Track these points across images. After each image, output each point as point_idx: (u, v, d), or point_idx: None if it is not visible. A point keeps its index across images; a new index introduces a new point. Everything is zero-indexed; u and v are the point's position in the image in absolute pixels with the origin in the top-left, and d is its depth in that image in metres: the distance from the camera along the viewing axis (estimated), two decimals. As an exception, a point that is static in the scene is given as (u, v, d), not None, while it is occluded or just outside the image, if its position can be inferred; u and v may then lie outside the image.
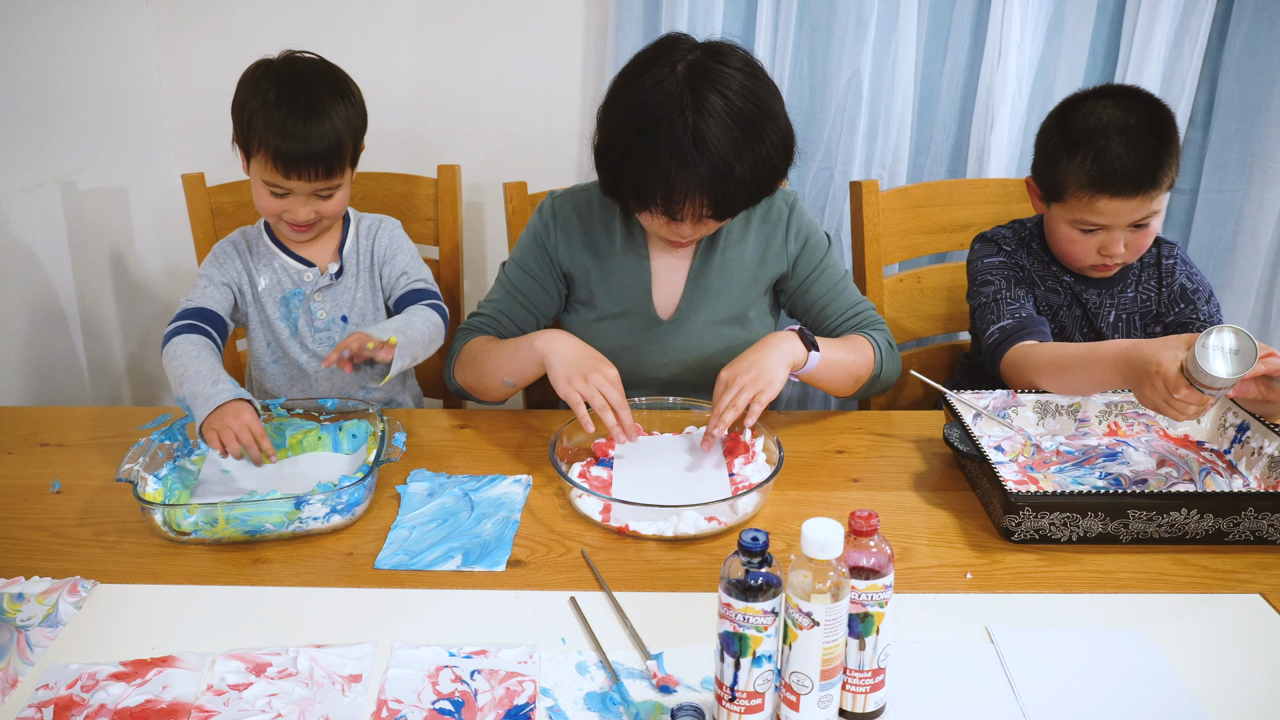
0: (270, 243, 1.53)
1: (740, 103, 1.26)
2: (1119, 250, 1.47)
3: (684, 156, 1.24)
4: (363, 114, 1.47)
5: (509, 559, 1.13)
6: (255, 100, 1.39)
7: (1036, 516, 1.14)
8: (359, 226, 1.57)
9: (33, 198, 1.75)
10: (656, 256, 1.49)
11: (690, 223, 1.33)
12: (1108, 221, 1.45)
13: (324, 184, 1.43)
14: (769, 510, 1.23)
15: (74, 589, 1.06)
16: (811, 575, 0.82)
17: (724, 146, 1.25)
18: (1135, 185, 1.41)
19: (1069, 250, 1.52)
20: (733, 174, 1.26)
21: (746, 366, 1.29)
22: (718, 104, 1.25)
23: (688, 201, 1.28)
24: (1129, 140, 1.40)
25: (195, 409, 1.27)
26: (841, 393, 1.45)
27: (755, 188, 1.31)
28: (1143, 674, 0.96)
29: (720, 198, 1.28)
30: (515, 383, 1.40)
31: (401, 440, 1.28)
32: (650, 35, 1.95)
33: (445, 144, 2.08)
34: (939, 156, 2.09)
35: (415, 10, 2.01)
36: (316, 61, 1.46)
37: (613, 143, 1.32)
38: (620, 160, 1.31)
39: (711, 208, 1.29)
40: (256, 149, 1.39)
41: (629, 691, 0.93)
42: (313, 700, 0.92)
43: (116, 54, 1.95)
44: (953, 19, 1.99)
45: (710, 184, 1.26)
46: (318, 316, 1.54)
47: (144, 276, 2.08)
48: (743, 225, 1.49)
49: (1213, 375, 1.12)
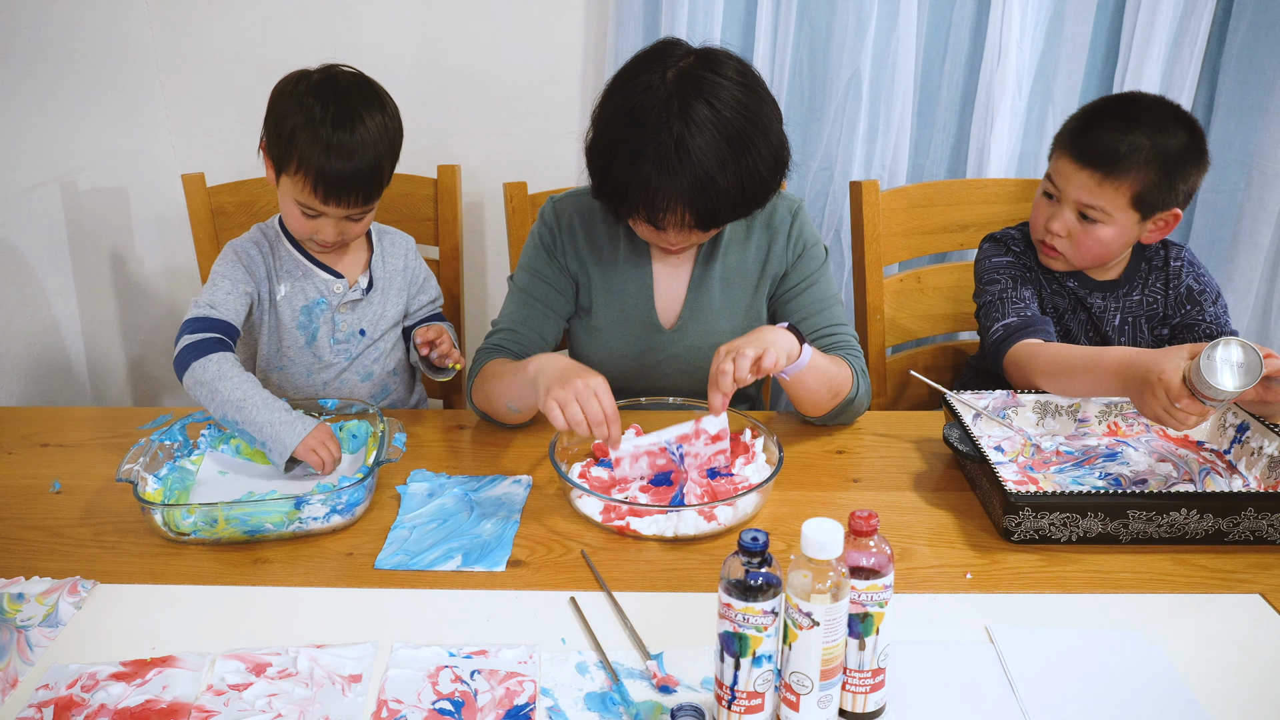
0: (294, 251, 1.49)
1: (729, 114, 1.24)
2: (1056, 227, 1.49)
3: (666, 164, 1.23)
4: (399, 134, 1.43)
5: (509, 559, 1.13)
6: (299, 117, 1.33)
7: (1036, 516, 1.14)
8: (382, 242, 1.56)
9: (33, 198, 1.75)
10: (658, 263, 1.47)
11: (674, 231, 1.32)
12: (1059, 185, 1.48)
13: (360, 210, 1.41)
14: (769, 510, 1.23)
15: (74, 589, 1.06)
16: (811, 575, 0.82)
17: (708, 157, 1.23)
18: (1092, 157, 1.43)
19: (1032, 215, 1.56)
20: (715, 185, 1.24)
21: (745, 338, 1.25)
22: (705, 114, 1.23)
23: (669, 211, 1.27)
24: (1126, 126, 1.43)
25: (279, 435, 1.26)
26: (818, 408, 1.38)
27: (740, 201, 1.28)
28: (1143, 674, 0.96)
29: (702, 209, 1.26)
30: (519, 409, 1.35)
31: (401, 440, 1.28)
32: (650, 35, 1.95)
33: (445, 144, 2.08)
34: (939, 156, 2.10)
35: (415, 10, 2.01)
36: (359, 82, 1.40)
37: (601, 145, 1.31)
38: (607, 164, 1.30)
39: (694, 218, 1.27)
40: (295, 170, 1.35)
41: (629, 691, 0.93)
42: (313, 700, 0.92)
43: (117, 54, 1.95)
44: (953, 19, 1.99)
45: (691, 194, 1.24)
46: (340, 328, 1.51)
47: (144, 277, 2.08)
48: (745, 231, 1.48)
49: (1218, 389, 1.12)
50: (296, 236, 1.47)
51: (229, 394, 1.29)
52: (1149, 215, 1.47)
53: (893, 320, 1.82)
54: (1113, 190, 1.43)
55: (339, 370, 1.53)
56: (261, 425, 1.27)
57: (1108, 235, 1.47)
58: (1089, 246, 1.49)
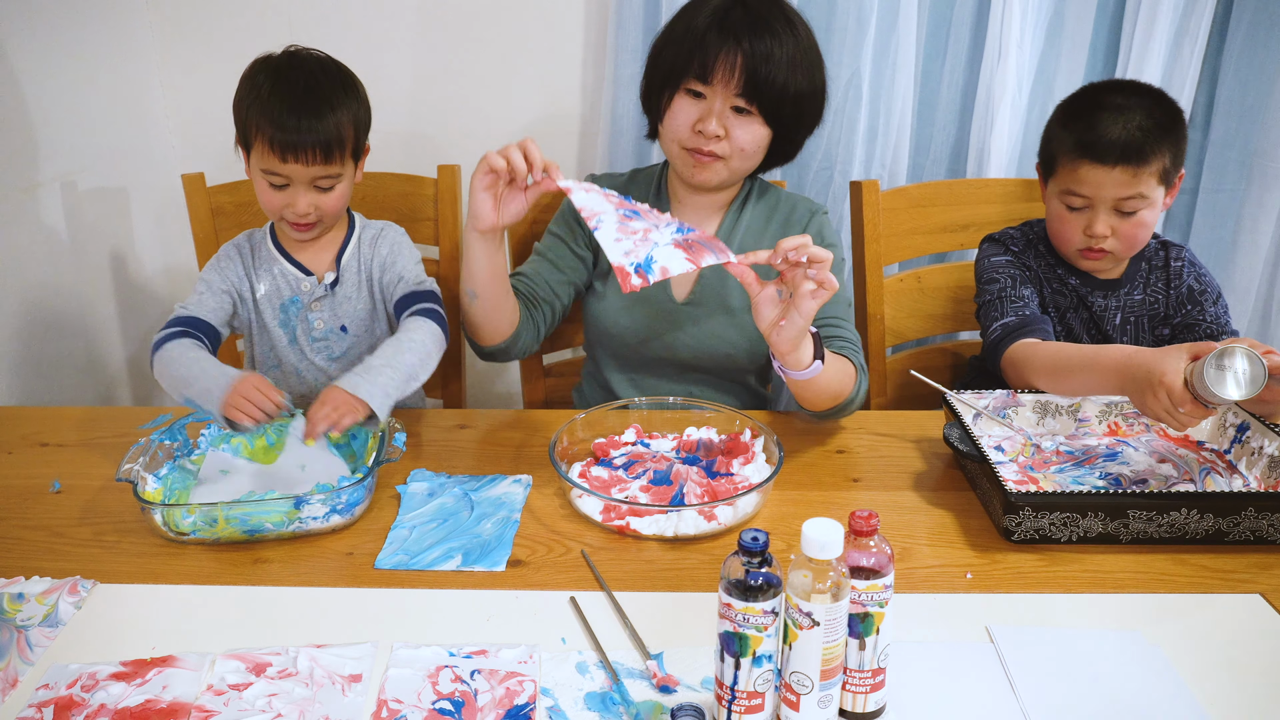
0: (273, 247, 1.50)
1: (793, 15, 1.38)
2: (1101, 230, 1.48)
3: (726, 14, 1.35)
4: (366, 107, 1.45)
5: (509, 559, 1.13)
6: (252, 94, 1.38)
7: (1036, 516, 1.14)
8: (361, 235, 1.54)
9: (33, 198, 1.75)
10: None
11: (720, 95, 1.37)
12: (1090, 193, 1.47)
13: (322, 170, 1.39)
14: (769, 510, 1.23)
15: (74, 589, 1.06)
16: (811, 575, 0.82)
17: (767, 12, 1.35)
18: (1119, 155, 1.43)
19: (1059, 231, 1.54)
20: (772, 37, 1.34)
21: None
22: (773, 8, 1.37)
23: (721, 58, 1.34)
24: (1121, 114, 1.44)
25: (211, 397, 1.26)
26: (820, 405, 1.36)
27: (786, 87, 1.36)
28: (1143, 674, 0.96)
29: (755, 58, 1.33)
30: (475, 291, 1.34)
31: (401, 440, 1.28)
32: (650, 35, 1.94)
33: (445, 144, 2.08)
34: (939, 156, 2.10)
35: (415, 10, 2.01)
36: (319, 56, 1.44)
37: (661, 39, 1.43)
38: (664, 44, 1.41)
39: (745, 70, 1.34)
40: (254, 138, 1.37)
41: (629, 691, 0.93)
42: (313, 700, 0.92)
43: (116, 54, 1.95)
44: (953, 19, 1.99)
45: (750, 38, 1.33)
46: (315, 326, 1.51)
47: (144, 277, 2.08)
48: (763, 222, 1.51)
49: (1224, 398, 1.12)
50: (271, 216, 1.47)
51: (177, 372, 1.31)
52: (1169, 183, 1.49)
53: (893, 320, 1.82)
54: (1147, 176, 1.45)
55: (323, 370, 1.53)
56: (202, 394, 1.27)
57: (1150, 218, 1.49)
58: (1136, 235, 1.50)
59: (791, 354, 1.22)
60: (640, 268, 1.12)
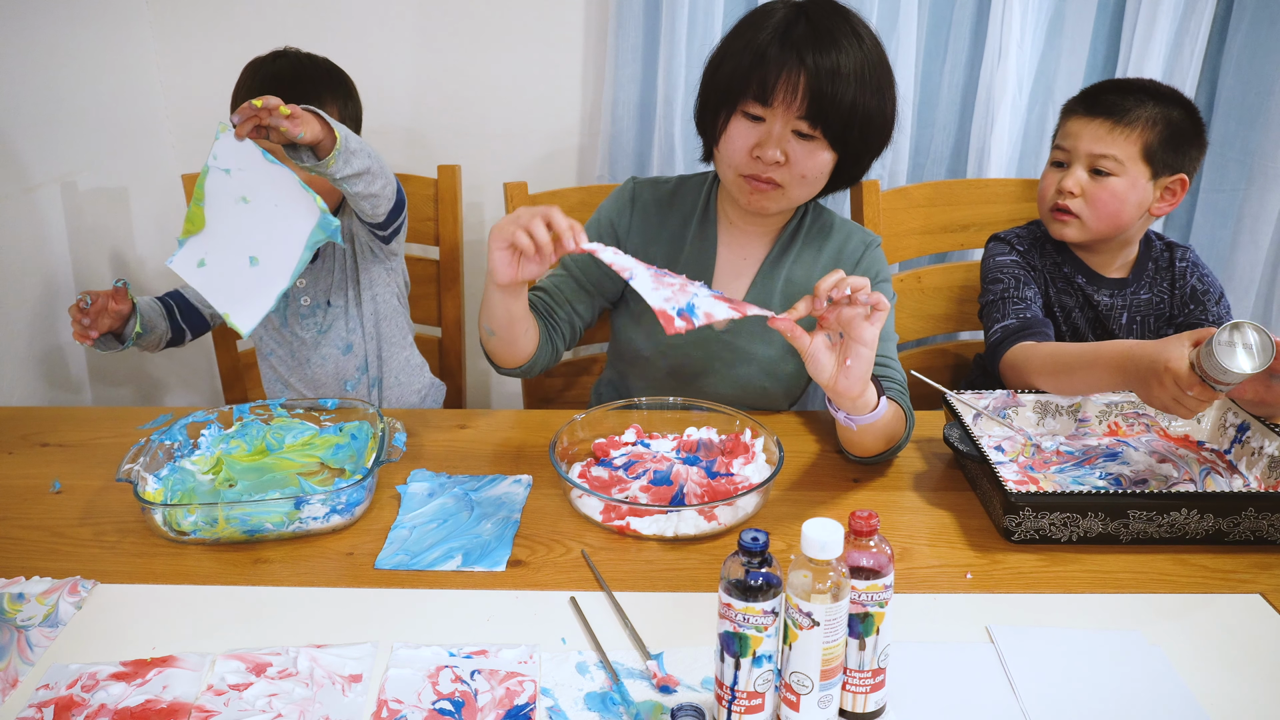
0: None
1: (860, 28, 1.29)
2: (1069, 185, 1.52)
3: (788, 28, 1.26)
4: (355, 101, 1.48)
5: (509, 559, 1.13)
6: (242, 92, 1.42)
7: (1036, 516, 1.14)
8: None
9: (33, 198, 1.75)
10: (724, 252, 1.45)
11: (782, 121, 1.27)
12: (1070, 145, 1.52)
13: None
14: (769, 510, 1.23)
15: (74, 589, 1.06)
16: (811, 575, 0.82)
17: (832, 24, 1.26)
18: (1104, 109, 1.48)
19: (1042, 191, 1.59)
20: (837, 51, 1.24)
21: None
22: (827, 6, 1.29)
23: (783, 79, 1.25)
24: (1126, 88, 1.50)
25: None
26: (870, 451, 1.29)
27: (854, 106, 1.25)
28: (1143, 674, 0.96)
29: (818, 85, 1.24)
30: (493, 329, 1.29)
31: (401, 440, 1.28)
32: (650, 35, 1.95)
33: (445, 144, 2.08)
34: (939, 156, 2.10)
35: (415, 10, 2.01)
36: (307, 54, 1.49)
37: (718, 55, 1.33)
38: (720, 60, 1.32)
39: (807, 90, 1.24)
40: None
41: (629, 691, 0.93)
42: (313, 700, 0.92)
43: (116, 54, 1.95)
44: (953, 19, 1.99)
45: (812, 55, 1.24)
46: (303, 303, 1.56)
47: (144, 276, 2.08)
48: (814, 254, 1.45)
49: (1236, 371, 1.10)
50: None
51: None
52: (1159, 174, 1.49)
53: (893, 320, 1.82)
54: (1123, 138, 1.47)
55: (315, 345, 1.58)
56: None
57: (1121, 187, 1.49)
58: (1104, 202, 1.50)
59: (860, 397, 1.15)
60: (684, 312, 1.10)
